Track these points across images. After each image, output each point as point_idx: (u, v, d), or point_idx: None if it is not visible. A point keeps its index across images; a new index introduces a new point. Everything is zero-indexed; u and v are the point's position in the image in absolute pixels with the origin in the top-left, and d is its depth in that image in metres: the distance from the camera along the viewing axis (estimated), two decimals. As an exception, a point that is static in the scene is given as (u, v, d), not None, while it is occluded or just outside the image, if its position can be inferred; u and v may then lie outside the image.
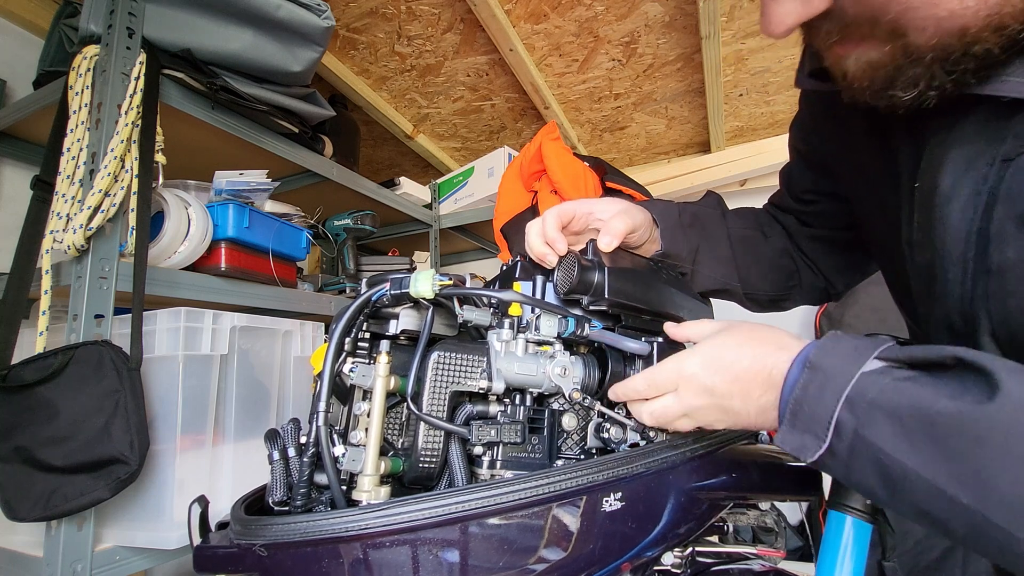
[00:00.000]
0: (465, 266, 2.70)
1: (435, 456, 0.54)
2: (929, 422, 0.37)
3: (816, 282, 0.86)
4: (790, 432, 0.44)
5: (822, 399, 0.42)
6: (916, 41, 0.42)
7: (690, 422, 0.55)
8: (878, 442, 0.39)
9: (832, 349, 0.44)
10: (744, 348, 0.50)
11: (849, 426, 0.40)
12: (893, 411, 0.38)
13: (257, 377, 1.14)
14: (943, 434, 0.36)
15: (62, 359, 0.86)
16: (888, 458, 0.38)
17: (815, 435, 0.42)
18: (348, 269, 1.80)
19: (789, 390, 0.45)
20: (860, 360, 0.42)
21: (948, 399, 0.37)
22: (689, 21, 1.64)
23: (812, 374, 0.43)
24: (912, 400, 0.38)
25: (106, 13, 1.00)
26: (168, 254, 1.06)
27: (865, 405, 0.40)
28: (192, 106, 1.15)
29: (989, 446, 0.35)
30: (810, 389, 0.43)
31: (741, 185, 2.46)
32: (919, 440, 0.37)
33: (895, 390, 0.39)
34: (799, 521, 1.91)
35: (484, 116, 2.23)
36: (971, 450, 0.35)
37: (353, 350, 0.55)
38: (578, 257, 0.61)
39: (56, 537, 0.86)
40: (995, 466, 0.34)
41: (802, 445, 0.43)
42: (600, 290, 0.59)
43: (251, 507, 0.58)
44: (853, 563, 0.54)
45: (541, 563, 0.48)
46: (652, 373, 0.56)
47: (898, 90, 0.45)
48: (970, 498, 0.35)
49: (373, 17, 1.65)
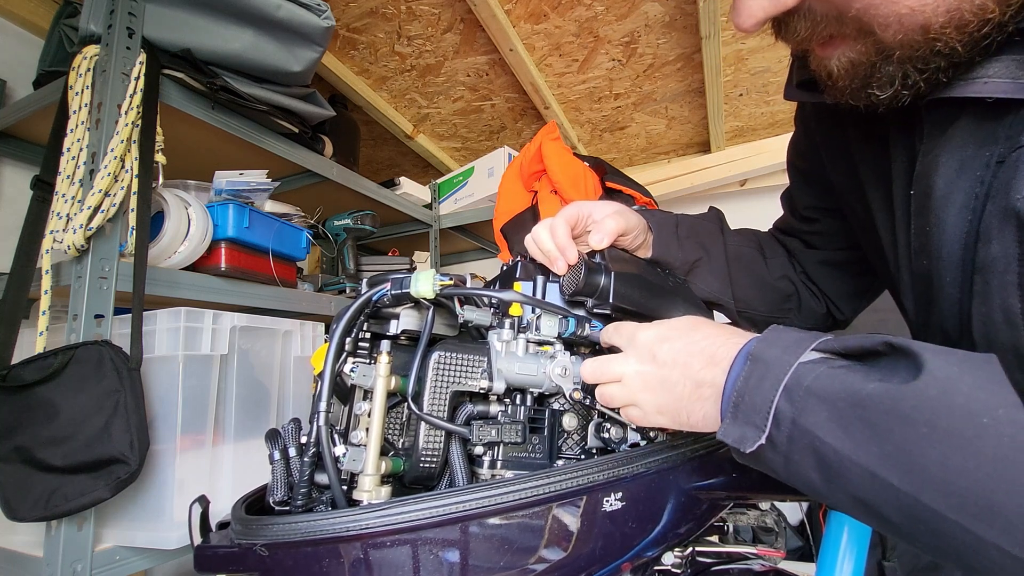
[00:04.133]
0: (465, 266, 2.70)
1: (436, 456, 0.54)
2: (860, 405, 0.37)
3: (817, 307, 0.85)
4: (732, 424, 0.44)
5: (761, 389, 0.42)
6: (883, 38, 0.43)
7: (622, 393, 0.53)
8: (814, 429, 0.39)
9: (773, 341, 0.44)
10: (697, 331, 0.51)
11: (787, 415, 0.40)
12: (827, 397, 0.39)
13: (257, 377, 1.14)
14: (872, 416, 0.37)
15: (62, 359, 0.86)
16: (823, 444, 0.38)
17: (755, 425, 0.42)
18: (348, 269, 1.80)
19: (732, 383, 0.45)
20: (799, 351, 0.42)
21: (877, 382, 0.37)
22: (689, 21, 1.64)
23: (753, 366, 0.43)
24: (844, 385, 0.39)
25: (106, 13, 1.00)
26: (168, 254, 1.06)
27: (801, 393, 0.40)
28: (192, 106, 1.15)
29: (915, 424, 0.35)
30: (751, 380, 0.43)
31: (741, 185, 2.46)
32: (851, 424, 0.37)
33: (829, 377, 0.40)
34: (799, 521, 1.91)
35: (484, 116, 2.23)
36: (898, 429, 0.35)
37: (354, 350, 0.55)
38: (585, 260, 0.61)
39: (56, 537, 0.86)
40: (922, 444, 0.34)
41: (742, 436, 0.43)
42: (605, 294, 0.60)
43: (252, 507, 0.58)
44: (853, 563, 0.54)
45: (541, 563, 0.48)
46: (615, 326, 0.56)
47: (875, 89, 0.46)
48: (901, 480, 0.35)
49: (373, 17, 1.65)
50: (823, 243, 0.83)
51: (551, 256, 0.64)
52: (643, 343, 0.52)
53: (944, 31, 0.40)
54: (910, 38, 0.42)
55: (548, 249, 0.64)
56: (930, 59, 0.42)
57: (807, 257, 0.85)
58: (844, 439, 0.37)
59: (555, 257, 0.64)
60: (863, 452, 0.37)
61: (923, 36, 0.41)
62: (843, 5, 0.43)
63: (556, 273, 0.65)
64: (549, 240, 0.65)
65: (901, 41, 0.42)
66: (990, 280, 0.44)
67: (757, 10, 0.46)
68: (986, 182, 0.45)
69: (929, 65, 0.43)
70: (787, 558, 0.70)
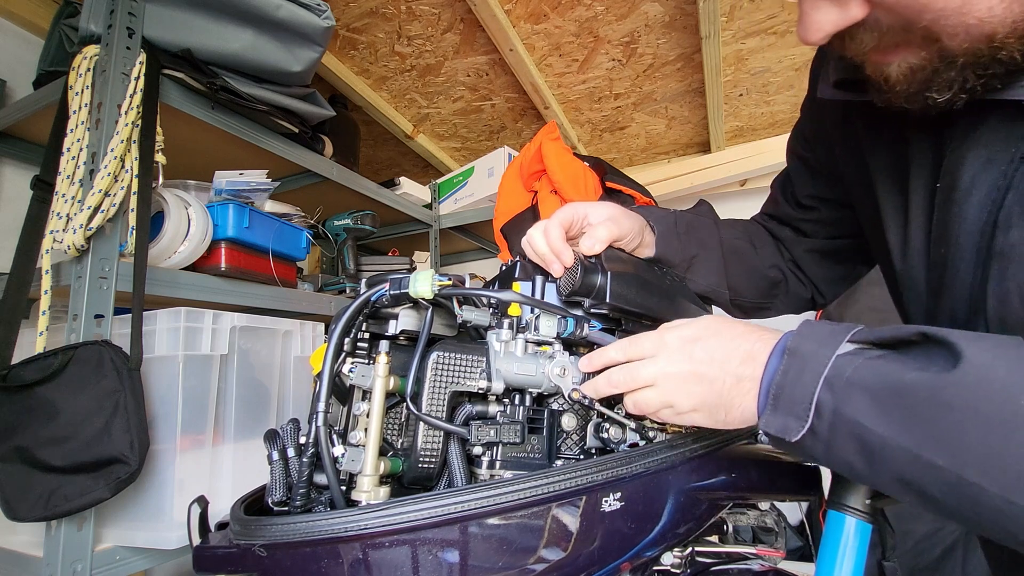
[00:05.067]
0: (465, 266, 2.70)
1: (434, 456, 0.54)
2: (901, 394, 0.40)
3: (803, 293, 0.89)
4: (773, 416, 0.46)
5: (802, 382, 0.44)
6: (949, 46, 0.45)
7: (657, 395, 0.54)
8: (856, 416, 0.41)
9: (808, 335, 0.47)
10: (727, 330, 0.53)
11: (828, 405, 0.43)
12: (868, 387, 0.41)
13: (257, 377, 1.14)
14: (914, 403, 0.39)
15: (62, 359, 0.86)
16: (866, 431, 0.41)
17: (797, 416, 0.44)
18: (348, 269, 1.80)
19: (770, 377, 0.47)
20: (835, 343, 0.45)
21: (916, 371, 0.40)
22: (689, 21, 1.64)
23: (792, 360, 0.46)
24: (884, 375, 0.41)
25: (106, 13, 1.00)
26: (168, 254, 1.06)
27: (842, 384, 0.42)
28: (192, 106, 1.15)
29: (957, 410, 0.38)
30: (790, 374, 0.45)
31: (741, 185, 2.46)
32: (893, 411, 0.40)
33: (868, 368, 0.42)
34: (799, 521, 1.91)
35: (484, 116, 2.23)
36: (941, 415, 0.38)
37: (352, 350, 0.55)
38: (581, 260, 0.61)
39: (56, 537, 0.86)
40: (965, 427, 0.37)
41: (785, 427, 0.45)
42: (602, 294, 0.60)
43: (251, 507, 0.58)
44: (853, 563, 0.54)
45: (541, 563, 0.48)
46: (629, 340, 0.57)
47: (933, 92, 0.48)
48: (945, 459, 0.38)
49: (373, 17, 1.65)
50: (816, 231, 0.85)
51: (546, 259, 0.65)
52: (674, 344, 0.54)
53: (1007, 40, 0.42)
54: (975, 47, 0.43)
55: (543, 252, 0.65)
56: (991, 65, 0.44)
57: (797, 244, 0.87)
58: (887, 425, 0.40)
59: (550, 260, 0.65)
60: (907, 437, 0.39)
61: (987, 45, 0.43)
62: (912, 17, 0.44)
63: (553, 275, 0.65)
64: (543, 243, 0.65)
65: (966, 49, 0.44)
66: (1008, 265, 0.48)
67: (826, 24, 0.47)
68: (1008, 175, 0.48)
69: (988, 71, 0.45)
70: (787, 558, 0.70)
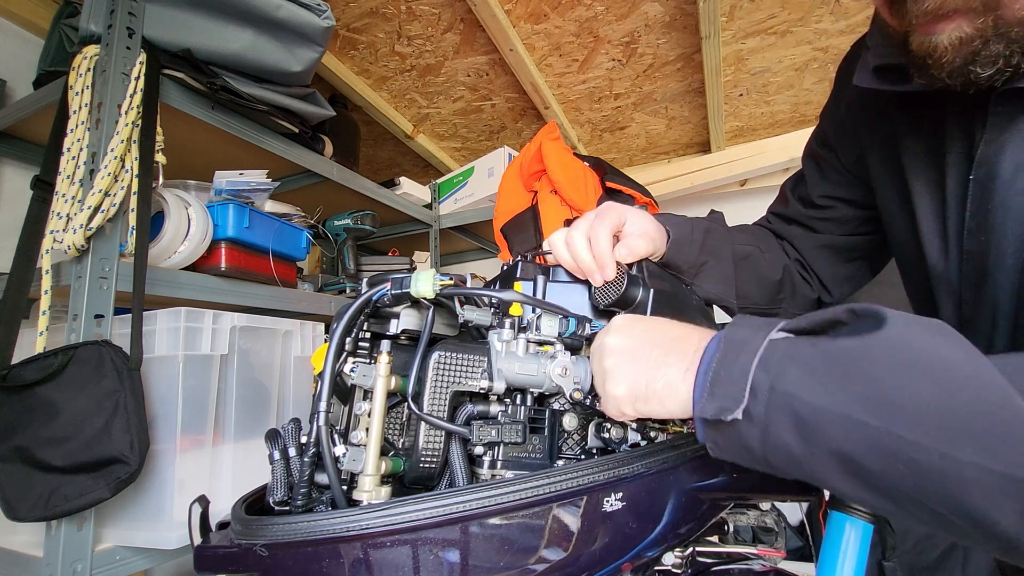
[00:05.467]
0: (465, 266, 2.70)
1: (436, 456, 0.54)
2: (831, 357, 0.40)
3: (809, 293, 0.89)
4: (710, 401, 0.45)
5: (737, 363, 0.44)
6: (1005, 15, 0.46)
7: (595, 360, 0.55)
8: (791, 389, 0.41)
9: (743, 325, 0.47)
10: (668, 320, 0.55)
11: (764, 384, 0.42)
12: (800, 359, 0.41)
13: (257, 377, 1.14)
14: (843, 364, 0.39)
15: (62, 359, 0.86)
16: (800, 402, 0.40)
17: (732, 398, 0.43)
18: (348, 269, 1.80)
19: (707, 365, 0.46)
20: (768, 329, 0.45)
21: (845, 338, 0.41)
22: (689, 21, 1.64)
23: (727, 346, 0.45)
24: (815, 346, 0.42)
25: (106, 13, 1.00)
26: (168, 254, 1.06)
27: (776, 361, 0.42)
28: (192, 106, 1.15)
29: (885, 363, 0.38)
30: (726, 359, 0.45)
31: (741, 185, 2.46)
32: (824, 376, 0.40)
33: (801, 343, 0.43)
34: (799, 521, 1.91)
35: (484, 116, 2.23)
36: (869, 370, 0.38)
37: (354, 350, 0.55)
38: (627, 272, 0.61)
39: (56, 537, 0.86)
40: (894, 379, 0.37)
41: (721, 408, 0.44)
42: (643, 309, 0.60)
43: (251, 507, 0.58)
44: (854, 563, 0.54)
45: (542, 563, 0.48)
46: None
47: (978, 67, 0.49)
48: (878, 417, 0.37)
49: (373, 17, 1.65)
50: (830, 228, 0.85)
51: (587, 268, 0.63)
52: (620, 323, 0.55)
53: None
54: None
55: (585, 260, 0.63)
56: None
57: (807, 240, 0.87)
58: (819, 392, 0.39)
59: (591, 270, 0.63)
60: (839, 400, 0.38)
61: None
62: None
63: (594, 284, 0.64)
64: (587, 251, 0.63)
65: (1021, 19, 0.45)
66: None
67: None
68: None
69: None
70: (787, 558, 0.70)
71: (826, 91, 2.01)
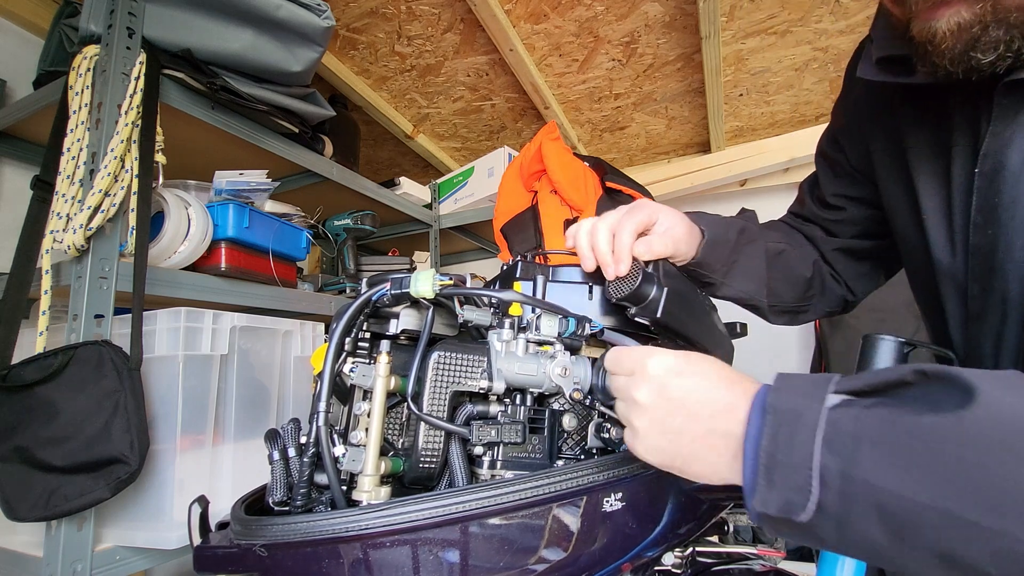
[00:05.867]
0: (465, 266, 2.70)
1: (435, 456, 0.54)
2: (917, 440, 0.33)
3: (837, 290, 0.88)
4: (769, 491, 0.38)
5: (795, 444, 0.37)
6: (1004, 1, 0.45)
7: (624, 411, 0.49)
8: (872, 479, 0.34)
9: (787, 388, 0.40)
10: (712, 370, 0.46)
11: (834, 470, 0.35)
12: (878, 440, 0.34)
13: (257, 377, 1.14)
14: (934, 448, 0.33)
15: (62, 359, 0.86)
16: (886, 495, 0.33)
17: (798, 488, 0.36)
18: (348, 269, 1.80)
19: (755, 441, 0.39)
20: (820, 395, 0.38)
21: (930, 413, 0.34)
22: (689, 21, 1.64)
23: (776, 419, 0.39)
24: (893, 423, 0.34)
25: (106, 13, 1.00)
26: (168, 254, 1.06)
27: (847, 441, 0.35)
28: (192, 106, 1.15)
29: (987, 448, 0.31)
30: (779, 437, 0.38)
31: (741, 185, 2.46)
32: (914, 463, 0.33)
33: (871, 417, 0.35)
34: (799, 521, 1.91)
35: (484, 116, 2.23)
36: (970, 457, 0.32)
37: (353, 350, 0.55)
38: (643, 268, 0.61)
39: (56, 537, 0.86)
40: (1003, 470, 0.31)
41: (788, 504, 0.37)
42: (654, 307, 0.60)
43: (251, 507, 0.58)
44: (854, 564, 0.54)
45: (542, 563, 0.48)
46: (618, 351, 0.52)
47: (979, 52, 0.48)
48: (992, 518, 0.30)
49: (373, 17, 1.65)
50: (842, 231, 0.86)
51: (604, 260, 0.62)
52: (654, 372, 0.47)
53: None
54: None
55: (603, 252, 0.62)
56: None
57: (826, 243, 0.88)
58: (909, 483, 0.33)
59: (608, 263, 0.62)
60: (937, 494, 0.32)
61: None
62: None
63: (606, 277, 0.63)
64: (607, 243, 0.63)
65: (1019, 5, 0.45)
66: None
67: None
68: None
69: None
70: (787, 558, 0.70)
71: (826, 91, 2.01)
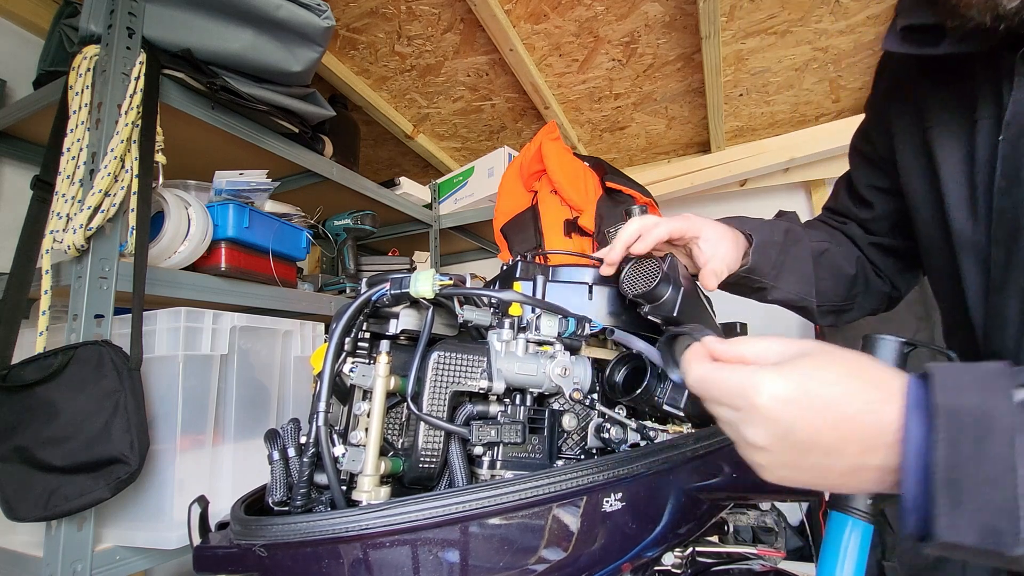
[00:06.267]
0: (465, 266, 2.70)
1: (435, 456, 0.54)
2: None
3: (881, 286, 0.88)
4: (957, 516, 0.32)
5: (988, 455, 0.31)
6: None
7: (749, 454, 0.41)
8: None
9: (955, 383, 0.33)
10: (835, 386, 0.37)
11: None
12: None
13: (257, 377, 1.14)
14: None
15: (62, 359, 0.86)
16: None
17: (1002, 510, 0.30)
18: (348, 269, 1.80)
19: (921, 451, 0.33)
20: (1004, 386, 0.32)
21: None
22: (689, 21, 1.64)
23: (951, 422, 0.32)
24: None
25: (106, 13, 1.00)
26: (168, 254, 1.06)
27: None
28: (192, 106, 1.15)
29: None
30: (963, 446, 0.32)
31: (741, 185, 2.46)
32: None
33: None
34: (799, 521, 1.91)
35: (484, 116, 2.23)
36: None
37: (353, 350, 0.55)
38: (661, 267, 0.62)
39: (56, 537, 0.86)
40: None
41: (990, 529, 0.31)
42: (670, 306, 0.61)
43: (251, 507, 0.58)
44: (854, 563, 0.54)
45: (541, 563, 0.48)
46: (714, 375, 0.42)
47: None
48: None
49: (373, 17, 1.65)
50: (879, 228, 0.86)
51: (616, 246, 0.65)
52: (769, 409, 0.38)
53: None
54: None
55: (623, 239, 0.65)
56: None
57: (864, 240, 0.88)
58: None
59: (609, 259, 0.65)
60: None
61: None
62: None
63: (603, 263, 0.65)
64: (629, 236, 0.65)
65: None
66: None
67: None
68: None
69: None
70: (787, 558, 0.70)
71: (826, 91, 2.01)
